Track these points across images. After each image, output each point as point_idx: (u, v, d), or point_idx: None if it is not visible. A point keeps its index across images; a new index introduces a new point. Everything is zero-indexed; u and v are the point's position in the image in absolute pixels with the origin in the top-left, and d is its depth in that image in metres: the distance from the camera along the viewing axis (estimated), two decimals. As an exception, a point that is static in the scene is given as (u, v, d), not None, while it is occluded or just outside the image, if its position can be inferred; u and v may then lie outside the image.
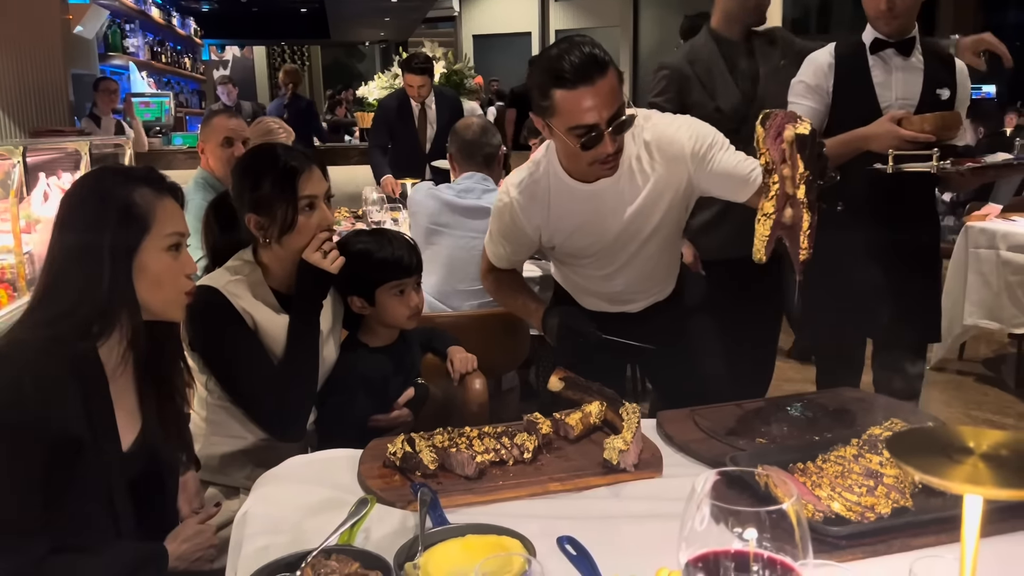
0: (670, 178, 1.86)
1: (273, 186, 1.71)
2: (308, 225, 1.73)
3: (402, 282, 1.92)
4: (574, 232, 1.94)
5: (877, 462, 1.23)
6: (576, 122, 1.69)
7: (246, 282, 1.75)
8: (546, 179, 1.91)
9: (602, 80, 1.67)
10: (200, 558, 1.50)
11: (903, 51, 2.34)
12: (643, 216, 1.90)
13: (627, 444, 1.39)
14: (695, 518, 0.78)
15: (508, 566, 1.04)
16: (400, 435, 1.46)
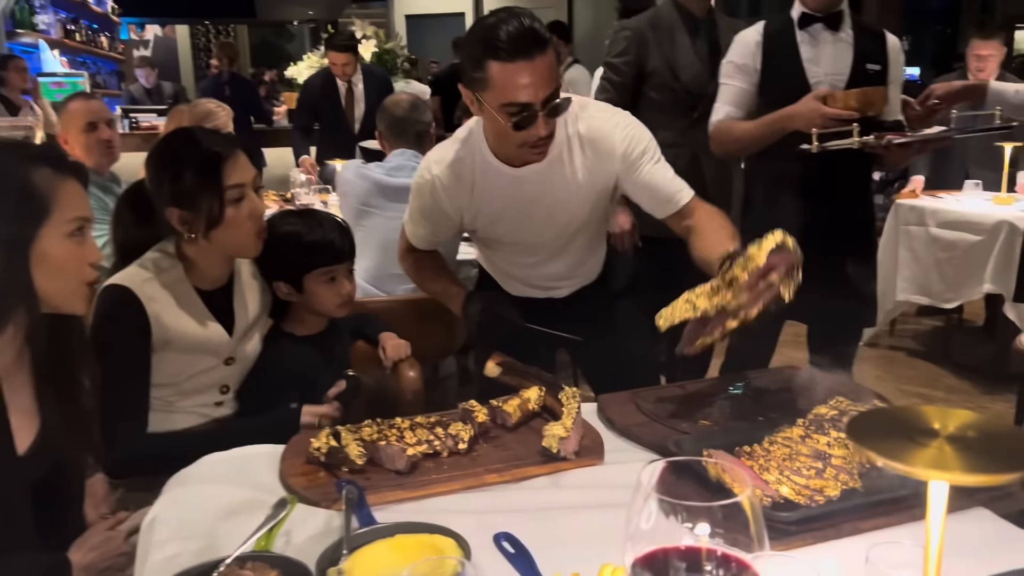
0: (599, 174, 1.79)
1: (196, 176, 1.57)
2: (238, 217, 1.60)
3: (333, 268, 1.80)
4: (497, 217, 1.85)
5: (824, 443, 1.19)
6: (510, 99, 1.59)
7: (165, 280, 1.61)
8: (471, 158, 1.80)
9: (541, 57, 1.57)
10: (109, 567, 1.38)
11: (831, 26, 2.31)
12: (568, 208, 1.83)
13: (567, 431, 1.32)
14: (641, 514, 0.71)
15: (440, 569, 0.96)
16: (325, 429, 1.36)
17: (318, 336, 1.87)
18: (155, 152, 1.66)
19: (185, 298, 1.62)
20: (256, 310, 1.76)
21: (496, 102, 1.61)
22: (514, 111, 1.60)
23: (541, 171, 1.76)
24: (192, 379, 1.65)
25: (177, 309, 1.61)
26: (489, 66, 1.58)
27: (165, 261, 1.63)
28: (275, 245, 1.74)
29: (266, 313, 1.82)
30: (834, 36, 2.31)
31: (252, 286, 1.77)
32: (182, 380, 1.64)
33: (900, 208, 4.10)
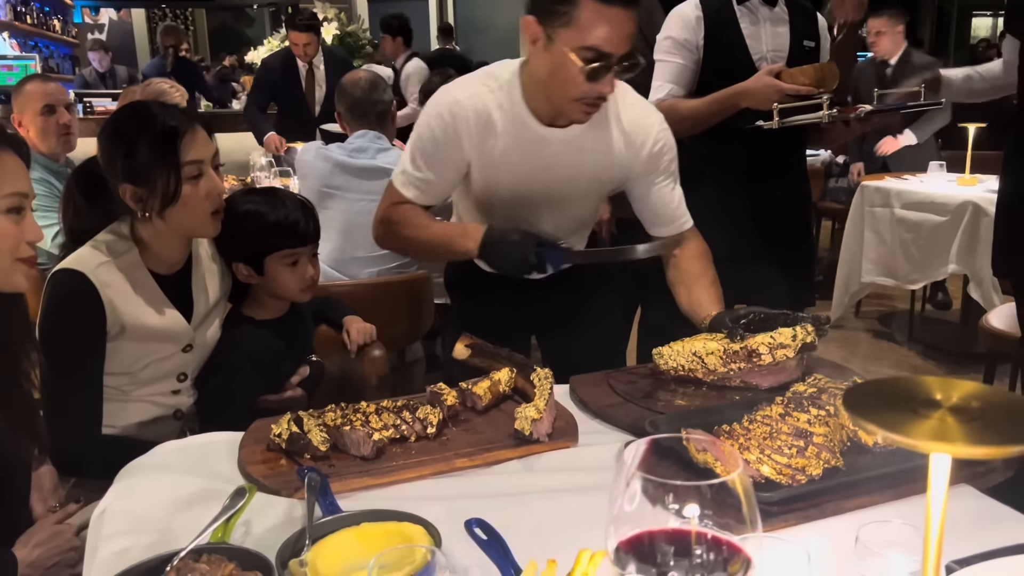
0: (619, 162, 1.73)
1: (152, 151, 1.48)
2: (195, 195, 1.51)
3: (296, 251, 1.72)
4: (503, 175, 1.71)
5: (805, 420, 1.15)
6: (592, 43, 1.48)
7: (119, 264, 1.52)
8: (502, 103, 1.65)
9: (633, 10, 1.49)
10: (58, 563, 1.31)
11: (769, 2, 2.29)
12: (576, 185, 1.75)
13: (540, 412, 1.27)
14: (625, 495, 0.66)
15: (409, 557, 0.91)
16: (286, 414, 1.30)
17: (279, 320, 1.79)
18: (108, 126, 1.57)
19: (141, 283, 1.54)
20: (216, 294, 1.68)
21: (575, 42, 1.49)
22: (591, 57, 1.49)
23: (568, 138, 1.68)
24: (148, 367, 1.57)
25: (133, 295, 1.52)
26: (580, 3, 1.47)
27: (120, 244, 1.54)
28: (235, 224, 1.65)
29: (226, 297, 1.74)
30: (771, 12, 2.30)
31: (211, 269, 1.69)
32: (138, 369, 1.56)
33: (865, 190, 4.11)
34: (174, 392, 1.63)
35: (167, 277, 1.59)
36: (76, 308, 1.48)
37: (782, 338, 1.45)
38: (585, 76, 1.51)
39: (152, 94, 3.23)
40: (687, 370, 1.50)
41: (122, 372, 1.55)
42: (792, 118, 2.13)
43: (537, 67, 1.60)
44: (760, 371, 1.46)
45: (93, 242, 1.54)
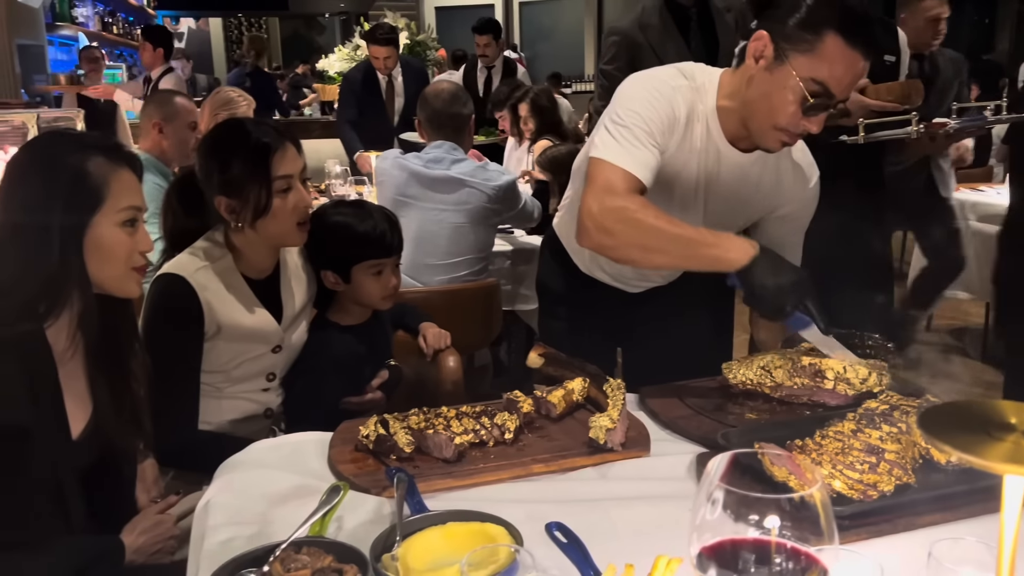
0: (775, 197, 1.71)
1: (245, 166, 1.58)
2: (284, 208, 1.61)
3: (381, 261, 1.81)
4: (671, 191, 1.64)
5: (877, 437, 1.18)
6: (824, 78, 1.42)
7: (217, 269, 1.63)
8: (700, 109, 1.59)
9: (866, 64, 1.46)
10: (160, 550, 1.41)
11: None
12: (726, 207, 1.70)
13: (613, 422, 1.32)
14: (707, 505, 0.71)
15: (494, 556, 0.97)
16: (373, 416, 1.37)
17: (362, 326, 1.88)
18: (206, 142, 1.68)
19: (235, 287, 1.64)
20: (303, 299, 1.78)
21: (808, 72, 1.43)
22: (817, 91, 1.44)
23: (745, 163, 1.63)
24: (241, 366, 1.67)
25: (228, 298, 1.63)
26: (828, 35, 1.41)
27: (215, 250, 1.65)
28: (326, 234, 1.76)
29: (311, 302, 1.84)
30: None
31: (299, 275, 1.79)
32: (231, 368, 1.66)
33: (941, 202, 4.03)
34: (264, 391, 1.73)
35: (258, 281, 1.69)
36: (177, 310, 1.59)
37: (852, 375, 1.46)
38: (802, 108, 1.46)
39: (220, 102, 3.38)
40: (755, 384, 1.53)
41: (217, 370, 1.65)
42: (878, 133, 2.13)
43: (751, 84, 1.51)
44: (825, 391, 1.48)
45: (191, 248, 1.65)
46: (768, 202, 1.73)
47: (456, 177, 2.65)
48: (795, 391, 1.49)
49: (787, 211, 1.73)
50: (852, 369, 1.47)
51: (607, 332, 1.89)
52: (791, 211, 1.73)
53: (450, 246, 2.69)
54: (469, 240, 2.72)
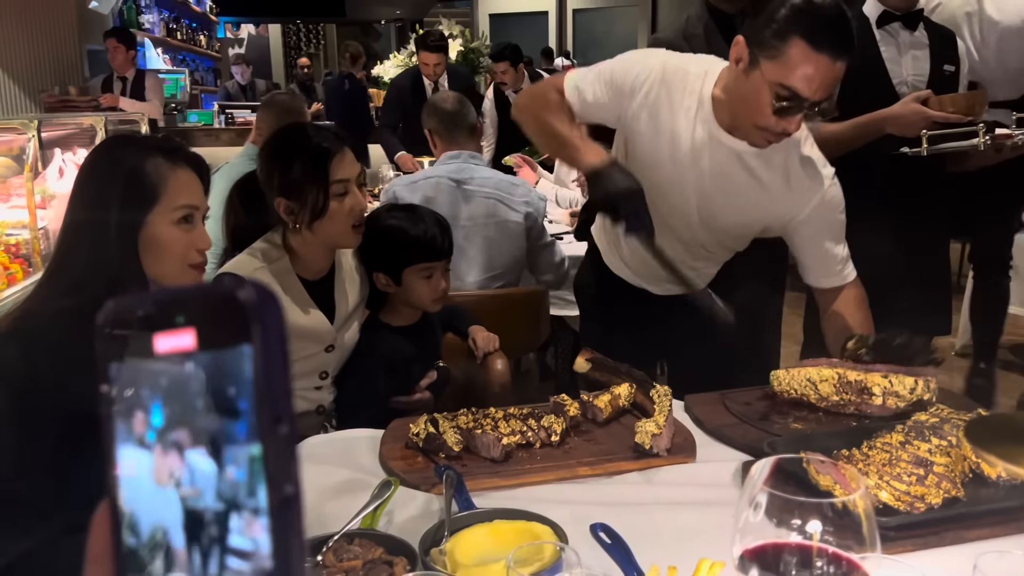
0: (790, 198, 1.71)
1: (304, 169, 1.64)
2: (340, 211, 1.66)
3: (431, 265, 1.85)
4: (661, 163, 1.71)
5: (926, 449, 1.17)
6: (791, 82, 1.48)
7: (274, 270, 1.69)
8: (694, 91, 1.66)
9: (841, 63, 1.48)
10: None
11: (909, 25, 2.25)
12: (733, 204, 1.73)
13: (659, 428, 1.34)
14: (750, 508, 0.72)
15: (539, 554, 0.99)
16: (423, 415, 1.41)
17: (412, 327, 1.92)
18: (268, 145, 1.74)
19: (291, 287, 1.70)
20: (355, 300, 1.83)
21: (776, 77, 1.49)
22: (785, 95, 1.49)
23: (742, 150, 1.66)
24: (295, 364, 1.71)
25: (284, 297, 1.68)
26: (793, 41, 1.46)
27: (273, 251, 1.71)
28: (379, 237, 1.80)
29: (364, 303, 1.88)
30: (912, 37, 2.26)
31: (352, 277, 1.84)
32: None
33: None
34: (316, 389, 1.78)
35: (313, 282, 1.74)
36: None
37: (899, 387, 1.45)
38: (774, 111, 1.51)
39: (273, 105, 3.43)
40: (799, 394, 1.52)
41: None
42: (943, 145, 2.09)
43: (733, 86, 1.60)
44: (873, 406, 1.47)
45: (249, 249, 1.71)
46: (781, 205, 1.72)
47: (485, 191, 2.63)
48: (841, 405, 1.49)
49: (807, 215, 1.71)
50: (899, 381, 1.46)
51: (644, 339, 1.91)
52: (811, 215, 1.71)
53: (483, 260, 2.65)
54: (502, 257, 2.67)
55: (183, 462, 0.31)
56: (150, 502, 0.32)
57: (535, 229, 2.71)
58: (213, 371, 0.31)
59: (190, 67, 9.17)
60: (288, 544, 0.30)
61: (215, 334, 0.31)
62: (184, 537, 0.31)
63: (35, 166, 3.38)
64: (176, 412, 0.31)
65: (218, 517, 0.31)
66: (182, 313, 0.31)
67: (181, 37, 9.22)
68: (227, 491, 0.31)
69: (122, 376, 0.32)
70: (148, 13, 8.08)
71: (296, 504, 0.31)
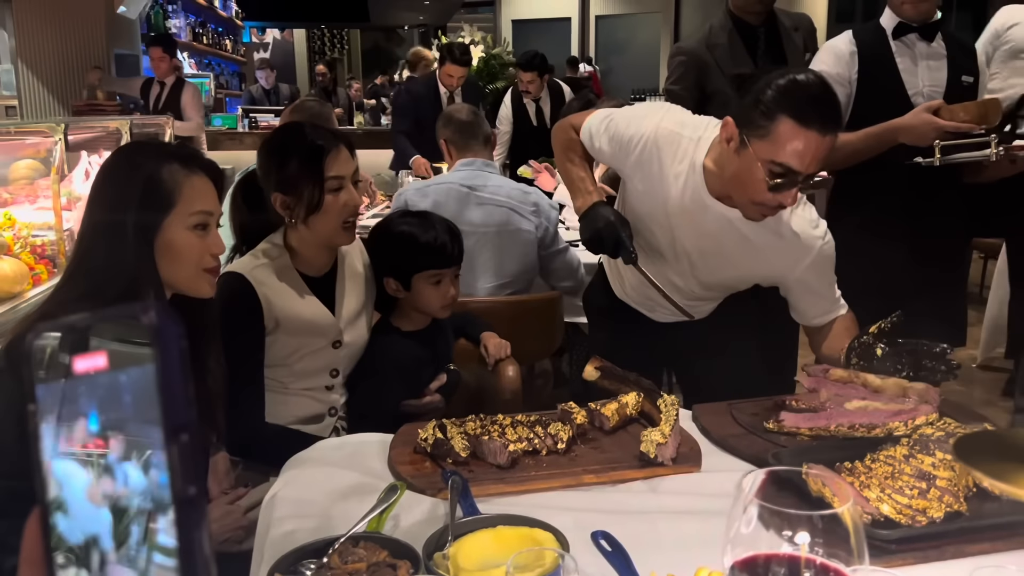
0: (775, 263, 1.76)
1: (300, 165, 1.69)
2: (335, 205, 1.70)
3: (440, 272, 1.87)
4: (654, 220, 1.79)
5: (929, 463, 1.17)
6: (783, 159, 1.51)
7: (273, 267, 1.73)
8: (686, 159, 1.71)
9: (830, 137, 1.51)
10: (228, 539, 1.49)
11: (926, 36, 2.25)
12: (726, 265, 1.79)
13: (665, 437, 1.35)
14: (742, 519, 0.74)
15: (540, 560, 1.00)
16: (432, 421, 1.43)
17: (423, 332, 1.94)
18: (266, 143, 1.80)
19: (291, 281, 1.74)
20: (360, 299, 1.85)
21: (767, 155, 1.52)
22: (778, 172, 1.52)
23: (733, 220, 1.70)
24: (303, 360, 1.75)
25: (285, 291, 1.73)
26: (781, 120, 1.50)
27: (274, 250, 1.76)
28: (389, 243, 1.84)
29: (371, 304, 1.91)
30: (928, 48, 2.26)
31: (358, 276, 1.87)
32: (293, 361, 1.74)
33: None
34: (328, 389, 1.80)
35: (315, 279, 1.78)
36: (238, 305, 1.69)
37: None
38: (769, 188, 1.54)
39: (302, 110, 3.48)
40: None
41: (280, 364, 1.74)
42: (956, 155, 2.08)
43: (725, 165, 1.63)
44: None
45: (253, 251, 1.77)
46: (774, 265, 1.76)
47: (491, 198, 2.65)
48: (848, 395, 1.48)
49: (800, 274, 1.75)
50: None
51: (650, 354, 1.94)
52: (804, 273, 1.75)
53: (493, 267, 2.66)
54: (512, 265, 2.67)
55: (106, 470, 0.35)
56: (77, 508, 0.36)
57: (547, 238, 2.73)
58: (126, 387, 0.35)
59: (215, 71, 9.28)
60: (191, 542, 0.34)
61: (124, 354, 0.35)
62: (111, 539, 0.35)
63: (61, 168, 3.44)
64: (97, 425, 0.36)
65: (140, 519, 0.35)
66: (97, 336, 0.35)
67: (207, 41, 9.35)
68: (144, 495, 0.35)
69: (48, 395, 0.36)
70: (175, 17, 8.20)
71: (197, 505, 0.35)
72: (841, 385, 1.51)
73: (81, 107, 5.08)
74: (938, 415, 1.39)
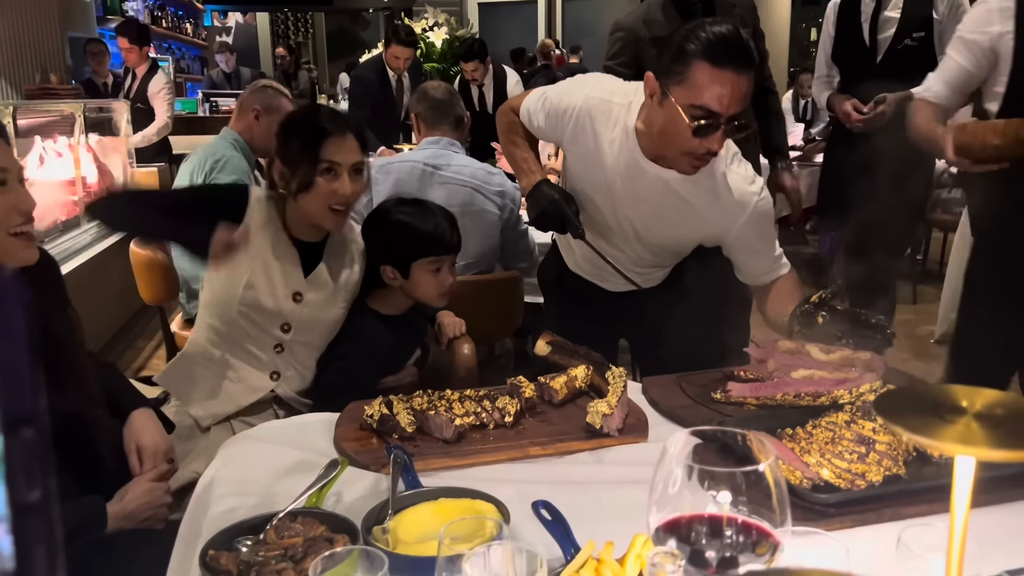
0: (714, 221, 1.76)
1: (301, 143, 1.71)
2: (324, 189, 1.70)
3: (440, 259, 1.85)
4: (596, 188, 1.81)
5: (870, 428, 1.18)
6: (702, 102, 1.52)
7: (270, 202, 1.79)
8: (618, 125, 1.73)
9: (746, 75, 1.53)
10: (151, 517, 1.43)
11: None
12: (667, 226, 1.80)
13: (611, 408, 1.34)
14: (667, 480, 0.73)
15: (480, 530, 1.00)
16: (379, 397, 1.41)
17: (401, 317, 1.91)
18: (289, 114, 1.91)
19: (274, 223, 1.77)
20: (343, 274, 1.83)
21: (686, 100, 1.54)
22: (700, 115, 1.54)
23: (668, 177, 1.71)
24: (258, 297, 1.74)
25: (267, 223, 1.76)
26: (694, 64, 1.52)
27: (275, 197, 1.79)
28: (388, 230, 1.83)
29: (353, 283, 1.87)
30: None
31: (346, 253, 1.85)
32: (247, 294, 1.74)
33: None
34: (276, 348, 1.78)
35: (299, 242, 1.79)
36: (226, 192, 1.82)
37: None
38: (693, 133, 1.55)
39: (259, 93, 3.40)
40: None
41: (231, 298, 1.74)
42: None
43: (651, 116, 1.65)
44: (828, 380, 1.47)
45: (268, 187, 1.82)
46: (713, 224, 1.77)
47: (454, 178, 2.63)
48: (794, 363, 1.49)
49: (739, 230, 1.76)
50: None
51: (603, 325, 1.95)
52: (743, 230, 1.76)
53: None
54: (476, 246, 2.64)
55: None
56: None
57: (511, 219, 2.71)
58: None
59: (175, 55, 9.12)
60: (31, 550, 0.29)
61: None
62: None
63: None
64: None
65: None
66: None
67: (166, 25, 9.17)
68: None
69: None
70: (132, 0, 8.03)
71: (42, 511, 0.29)
72: (789, 355, 1.51)
73: (34, 91, 4.95)
74: (882, 383, 1.41)
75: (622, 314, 1.97)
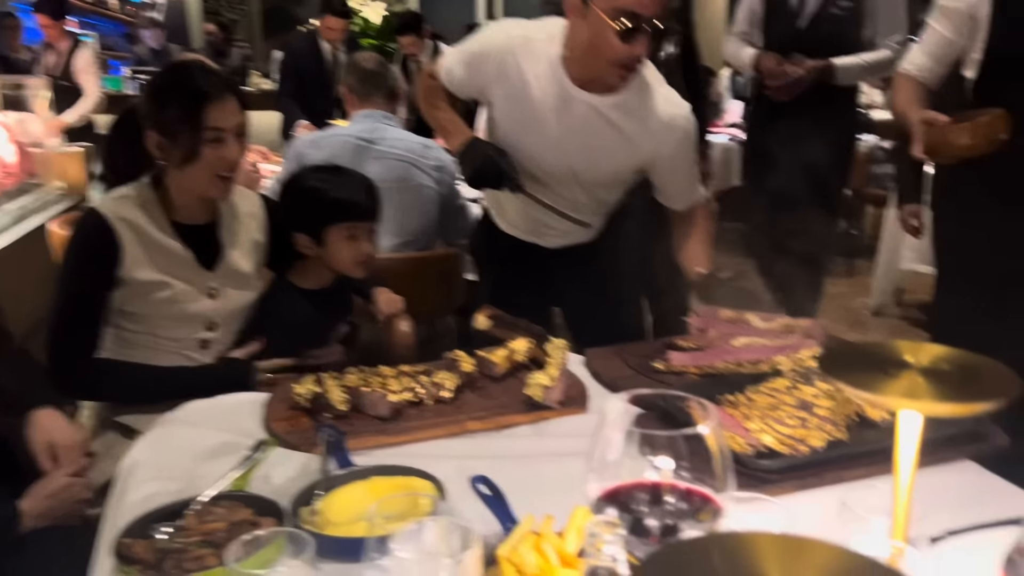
0: (646, 145, 1.78)
1: (180, 109, 1.55)
2: (210, 157, 1.57)
3: (355, 225, 1.77)
4: (527, 127, 1.79)
5: (811, 394, 1.17)
6: (623, 4, 1.55)
7: (139, 202, 1.62)
8: (542, 59, 1.74)
9: None
10: (68, 513, 1.35)
11: None
12: (599, 157, 1.80)
13: (552, 380, 1.31)
14: (605, 447, 0.70)
15: (414, 508, 0.95)
16: (309, 376, 1.35)
17: (323, 291, 1.84)
18: (154, 78, 1.71)
19: (158, 223, 1.62)
20: (248, 252, 1.74)
21: (609, 5, 1.56)
22: (626, 18, 1.56)
23: (599, 104, 1.73)
24: (173, 307, 1.63)
25: (149, 232, 1.60)
26: None
27: (144, 190, 1.64)
28: (300, 196, 1.75)
29: (260, 258, 1.79)
30: None
31: (246, 229, 1.75)
32: (162, 306, 1.62)
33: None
34: (202, 344, 1.69)
35: (189, 226, 1.66)
36: (82, 231, 1.60)
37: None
38: (619, 37, 1.57)
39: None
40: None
41: (145, 313, 1.62)
42: None
43: (575, 34, 1.67)
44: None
45: (119, 190, 1.64)
46: (645, 148, 1.79)
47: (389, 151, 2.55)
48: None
49: (670, 152, 1.80)
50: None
51: (540, 291, 1.94)
52: (673, 151, 1.80)
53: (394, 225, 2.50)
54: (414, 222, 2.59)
55: None
56: None
57: (449, 193, 2.65)
58: None
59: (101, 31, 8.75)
60: None
61: None
62: None
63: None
64: None
65: None
66: None
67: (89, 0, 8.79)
68: None
69: None
70: (50, -27, 7.65)
71: None
72: (729, 324, 1.50)
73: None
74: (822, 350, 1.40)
75: (558, 276, 1.94)
